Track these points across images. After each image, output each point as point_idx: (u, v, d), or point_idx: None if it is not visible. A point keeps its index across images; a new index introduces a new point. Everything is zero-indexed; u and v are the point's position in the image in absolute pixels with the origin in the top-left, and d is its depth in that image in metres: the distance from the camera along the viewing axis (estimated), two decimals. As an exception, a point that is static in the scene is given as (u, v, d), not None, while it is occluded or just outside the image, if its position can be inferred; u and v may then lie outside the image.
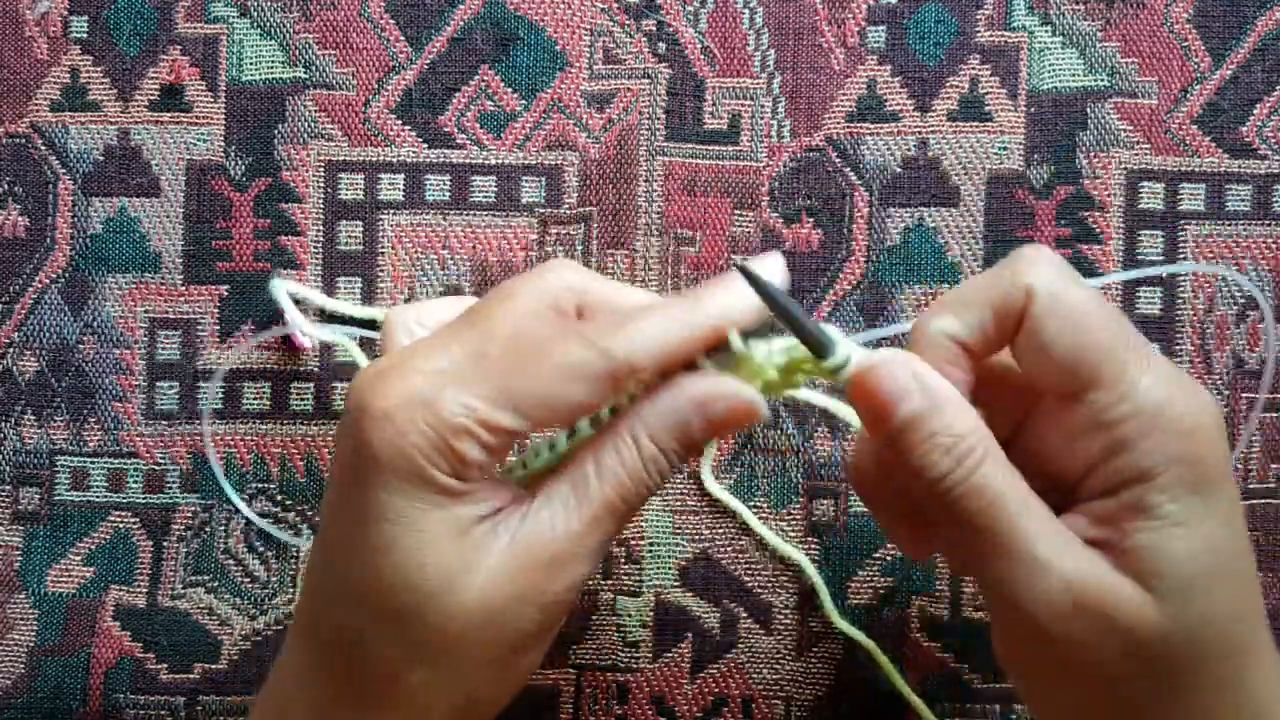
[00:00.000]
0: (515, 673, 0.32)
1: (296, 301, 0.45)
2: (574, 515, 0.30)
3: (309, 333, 0.45)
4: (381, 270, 0.46)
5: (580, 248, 0.46)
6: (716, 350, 0.31)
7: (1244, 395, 0.44)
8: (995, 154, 0.45)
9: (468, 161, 0.46)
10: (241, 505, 0.45)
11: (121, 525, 0.46)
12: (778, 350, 0.31)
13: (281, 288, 0.43)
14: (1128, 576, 0.29)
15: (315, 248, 0.46)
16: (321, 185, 0.46)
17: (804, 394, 0.44)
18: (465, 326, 0.31)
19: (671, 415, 0.31)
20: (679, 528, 0.45)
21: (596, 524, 0.30)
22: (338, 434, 0.31)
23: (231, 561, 0.45)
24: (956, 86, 0.45)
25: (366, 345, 0.45)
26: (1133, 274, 0.44)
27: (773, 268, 0.32)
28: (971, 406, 0.30)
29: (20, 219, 0.47)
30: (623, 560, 0.45)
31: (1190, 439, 0.29)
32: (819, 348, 0.30)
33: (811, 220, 0.45)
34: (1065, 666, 0.30)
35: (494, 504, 0.30)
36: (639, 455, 0.30)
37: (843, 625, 0.44)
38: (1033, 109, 0.45)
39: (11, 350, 0.46)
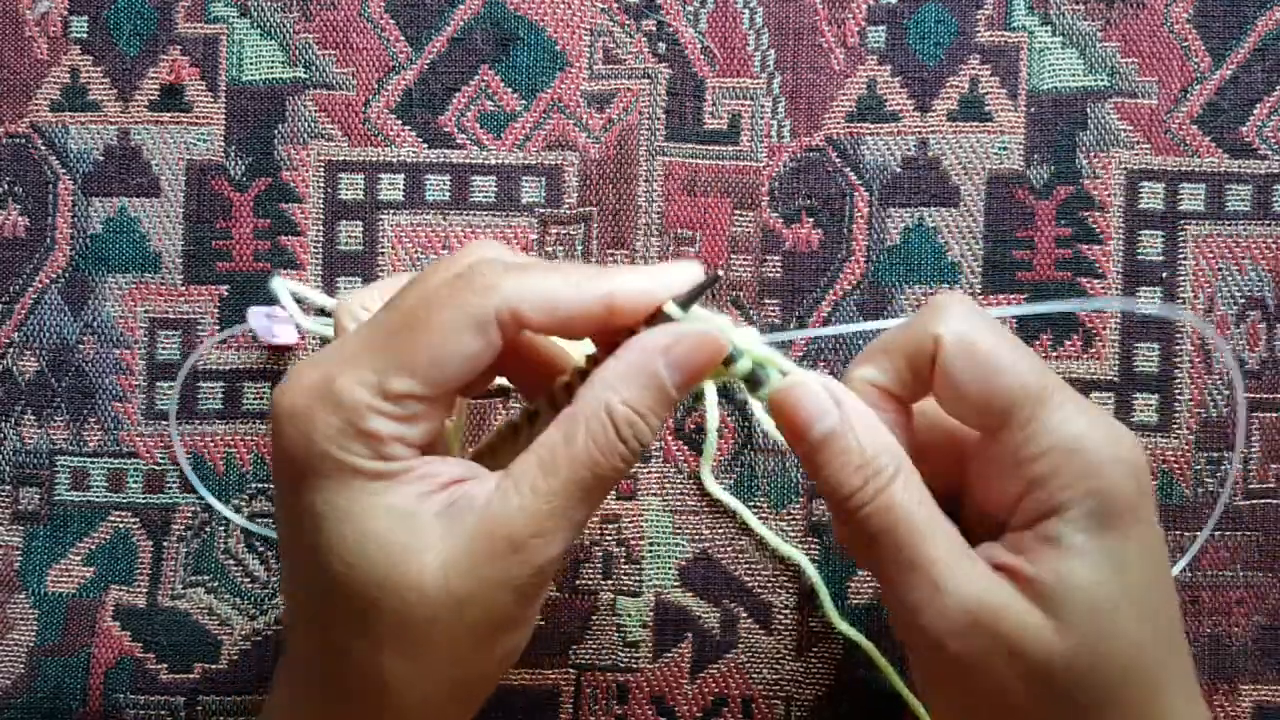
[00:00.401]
0: (501, 652, 0.31)
1: (299, 301, 0.45)
2: (541, 494, 0.29)
3: (312, 331, 0.45)
4: (381, 270, 0.46)
5: (580, 248, 0.46)
6: (650, 324, 0.30)
7: (1244, 395, 0.44)
8: (995, 154, 0.45)
9: (468, 161, 0.46)
10: (214, 502, 0.45)
11: (121, 525, 0.46)
12: (718, 324, 0.31)
13: (283, 286, 0.43)
14: (1034, 603, 0.29)
15: (315, 248, 0.46)
16: (321, 185, 0.46)
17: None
18: (379, 313, 0.30)
19: (638, 371, 0.30)
20: (679, 528, 0.45)
21: (567, 502, 0.29)
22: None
23: (231, 561, 0.45)
24: (956, 86, 0.45)
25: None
26: (1034, 309, 0.44)
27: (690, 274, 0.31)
28: (888, 432, 0.31)
29: (20, 219, 0.47)
30: (623, 560, 0.45)
31: (1099, 475, 0.29)
32: (692, 292, 0.30)
33: (811, 220, 0.45)
34: (967, 689, 0.31)
35: (439, 479, 0.29)
36: (612, 423, 0.29)
37: (842, 626, 0.44)
38: (1033, 109, 0.45)
39: (11, 350, 0.46)
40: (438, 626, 0.29)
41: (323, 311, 0.44)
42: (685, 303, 0.30)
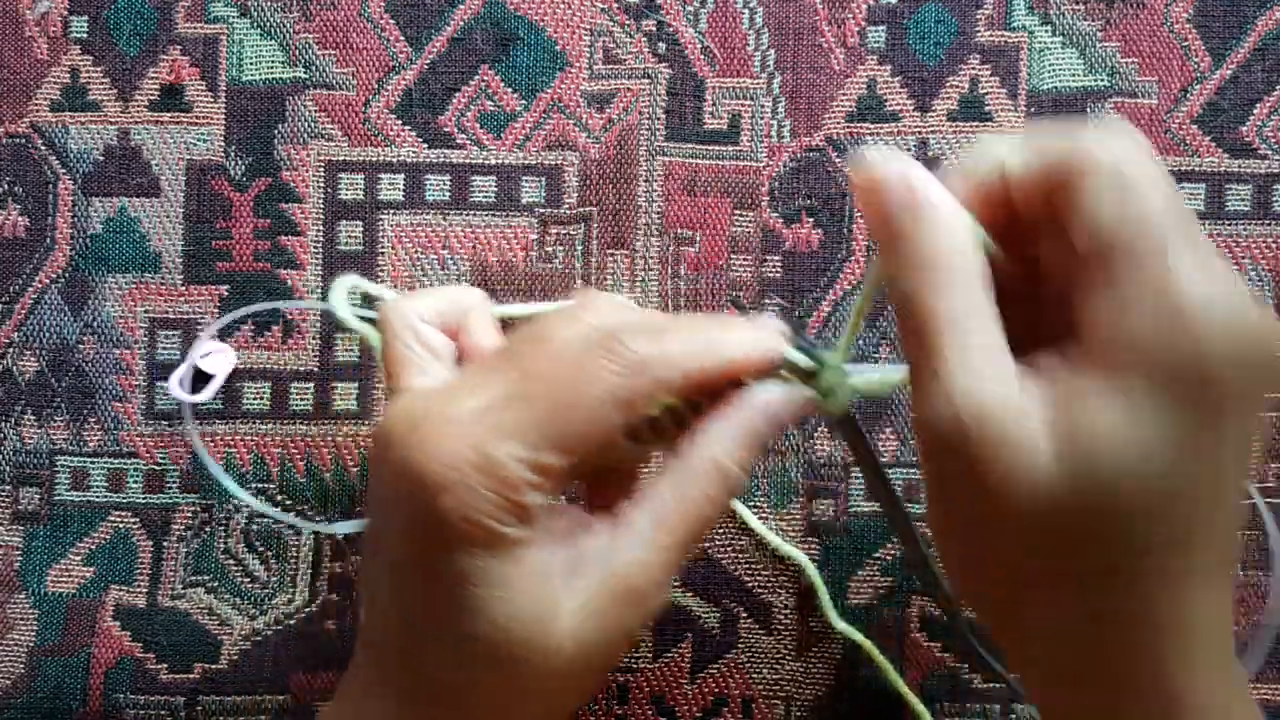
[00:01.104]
0: (596, 688, 0.34)
1: (369, 301, 0.45)
2: (660, 548, 0.30)
3: (361, 331, 0.39)
4: (381, 270, 0.46)
5: (580, 248, 0.46)
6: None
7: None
8: (995, 154, 0.45)
9: (468, 161, 0.46)
10: (237, 489, 0.45)
11: (121, 525, 0.46)
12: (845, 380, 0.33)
13: (341, 288, 0.39)
14: (1050, 425, 0.26)
15: (315, 248, 0.46)
16: (321, 185, 0.46)
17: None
18: (501, 364, 0.30)
19: (745, 430, 0.31)
20: (679, 528, 0.45)
21: (679, 555, 0.31)
22: (383, 490, 0.30)
23: (231, 561, 0.45)
24: (956, 86, 0.45)
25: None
26: None
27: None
28: (962, 233, 0.28)
29: (20, 219, 0.47)
30: (623, 560, 0.45)
31: (1208, 354, 0.25)
32: (805, 346, 0.32)
33: (811, 220, 0.45)
34: (953, 500, 0.28)
35: (556, 533, 0.30)
36: (722, 481, 0.31)
37: (842, 626, 0.44)
38: (1033, 109, 0.45)
39: (11, 350, 0.46)
40: (571, 676, 0.30)
41: (368, 300, 0.41)
42: (799, 348, 0.32)
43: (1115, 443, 0.25)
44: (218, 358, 0.45)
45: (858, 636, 0.44)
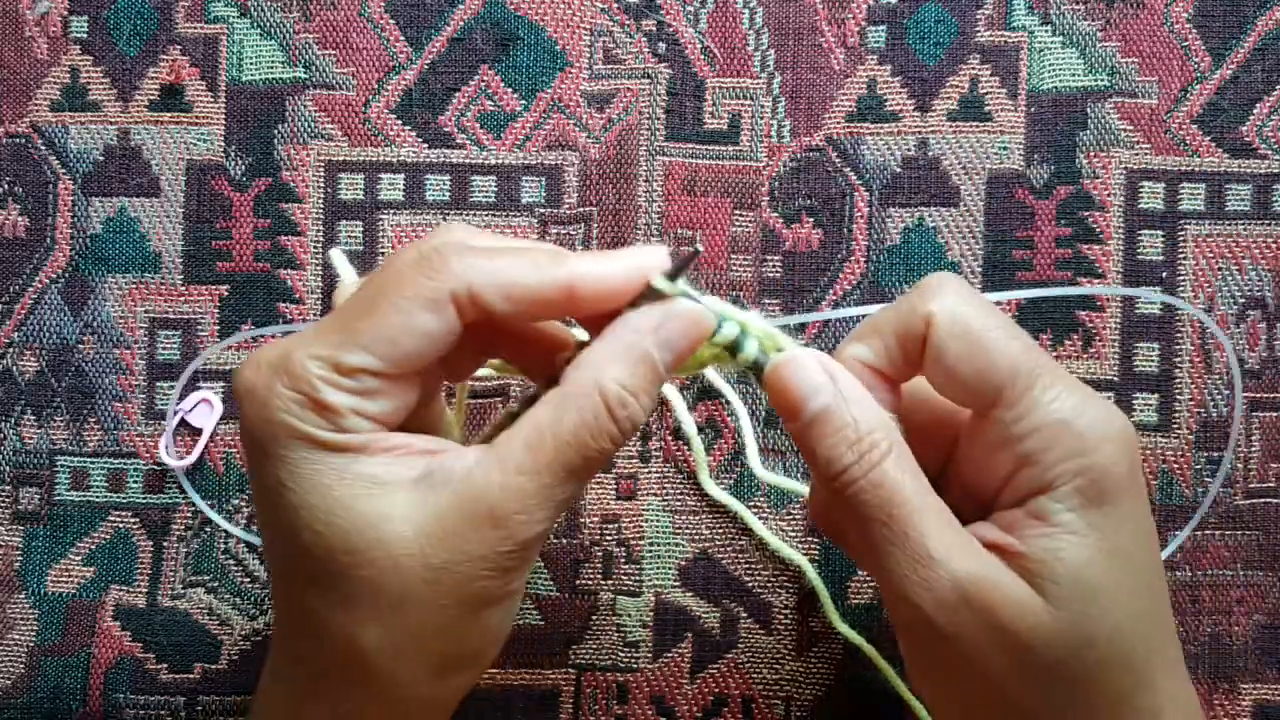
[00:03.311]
0: (487, 627, 0.31)
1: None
2: (527, 472, 0.29)
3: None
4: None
5: (580, 247, 0.46)
6: (638, 303, 0.30)
7: (1244, 395, 0.44)
8: (995, 154, 0.45)
9: (468, 161, 0.46)
10: (205, 507, 0.45)
11: (121, 525, 0.46)
12: (706, 299, 0.31)
13: (340, 256, 0.41)
14: (1024, 580, 0.29)
15: (315, 248, 0.46)
16: (321, 185, 0.46)
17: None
18: (352, 294, 0.31)
19: (628, 350, 0.30)
20: (679, 528, 0.45)
21: (552, 480, 0.29)
22: None
23: (231, 561, 0.45)
24: (956, 86, 0.45)
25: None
26: (1035, 293, 0.44)
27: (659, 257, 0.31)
28: (881, 409, 0.31)
29: (20, 219, 0.47)
30: (623, 560, 0.45)
31: (1093, 453, 0.29)
32: (677, 264, 0.30)
33: (811, 220, 0.45)
34: (954, 667, 0.31)
35: (411, 449, 0.30)
36: (605, 404, 0.29)
37: (843, 628, 0.44)
38: (1033, 109, 0.45)
39: (11, 350, 0.46)
40: (413, 594, 0.29)
41: None
42: (671, 276, 0.30)
43: (1083, 572, 0.29)
44: (202, 410, 0.45)
45: (859, 639, 0.44)
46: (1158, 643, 0.31)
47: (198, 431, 0.45)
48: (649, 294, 0.30)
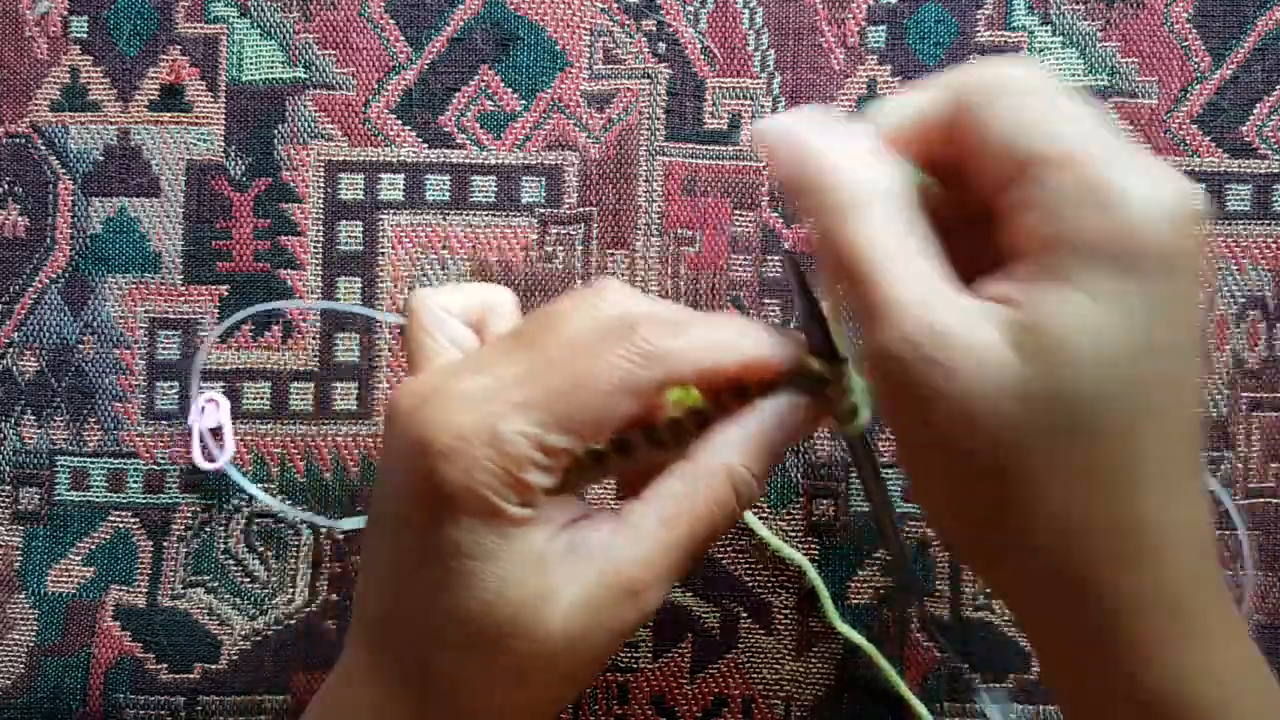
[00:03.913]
0: (586, 683, 0.33)
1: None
2: (661, 546, 0.30)
3: (391, 321, 0.42)
4: (381, 270, 0.46)
5: (580, 248, 0.46)
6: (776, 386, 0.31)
7: (1244, 395, 0.44)
8: (995, 154, 0.45)
9: (468, 161, 0.46)
10: (246, 483, 0.45)
11: (121, 525, 0.46)
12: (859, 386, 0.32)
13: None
14: (1010, 330, 0.26)
15: (315, 248, 0.46)
16: (321, 185, 0.46)
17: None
18: (514, 346, 0.30)
19: (759, 438, 0.31)
20: (679, 528, 0.45)
21: (681, 556, 0.30)
22: (389, 463, 0.31)
23: (231, 561, 0.45)
24: (956, 86, 0.45)
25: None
26: None
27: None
28: (872, 159, 0.28)
29: (20, 219, 0.47)
30: (623, 560, 0.45)
31: (1135, 222, 0.25)
32: (827, 352, 0.31)
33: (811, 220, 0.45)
34: (918, 427, 0.28)
35: (559, 521, 0.30)
36: (730, 484, 0.30)
37: (843, 628, 0.44)
38: (1033, 109, 0.45)
39: (11, 350, 0.46)
40: (556, 665, 0.30)
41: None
42: (823, 355, 0.31)
43: (1073, 330, 0.25)
44: (211, 411, 0.45)
45: (860, 640, 0.44)
46: (1171, 435, 0.27)
47: (209, 431, 0.45)
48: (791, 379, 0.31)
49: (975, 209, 0.29)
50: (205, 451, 0.45)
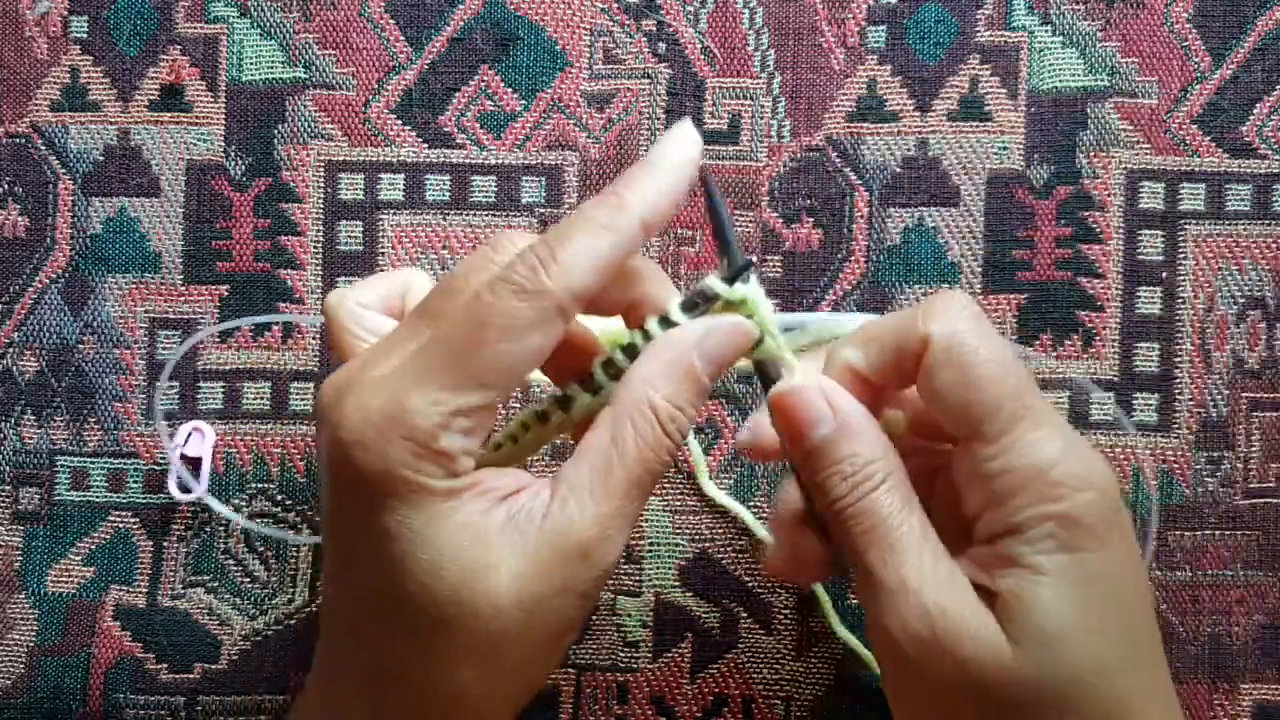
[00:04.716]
0: (557, 657, 0.32)
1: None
2: (601, 500, 0.29)
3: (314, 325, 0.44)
4: (382, 270, 0.46)
5: (580, 248, 0.46)
6: (685, 305, 0.31)
7: (1244, 395, 0.44)
8: (995, 154, 0.45)
9: (468, 161, 0.46)
10: (214, 503, 0.45)
11: (121, 525, 0.46)
12: (757, 298, 0.31)
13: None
14: (995, 619, 0.29)
15: (315, 248, 0.46)
16: (321, 185, 0.46)
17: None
18: (418, 318, 0.30)
19: (674, 365, 0.30)
20: (679, 528, 0.45)
21: (625, 504, 0.30)
22: (319, 458, 0.31)
23: (231, 561, 0.45)
24: (956, 86, 0.45)
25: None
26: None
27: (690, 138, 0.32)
28: (880, 438, 0.31)
29: (20, 219, 0.47)
30: (623, 560, 0.45)
31: (1065, 501, 0.29)
32: (734, 271, 0.31)
33: (811, 220, 0.45)
34: (922, 696, 0.31)
35: (498, 493, 0.30)
36: (657, 420, 0.30)
37: (843, 632, 0.44)
38: (1033, 109, 0.45)
39: (11, 350, 0.46)
40: (509, 636, 0.29)
41: None
42: (728, 281, 0.31)
43: (1040, 613, 0.29)
44: (196, 440, 0.45)
45: (859, 646, 0.44)
46: (1139, 682, 0.30)
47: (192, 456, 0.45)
48: (696, 296, 0.31)
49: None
50: (181, 482, 0.45)
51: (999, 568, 0.30)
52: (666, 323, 0.31)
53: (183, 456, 0.45)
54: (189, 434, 0.45)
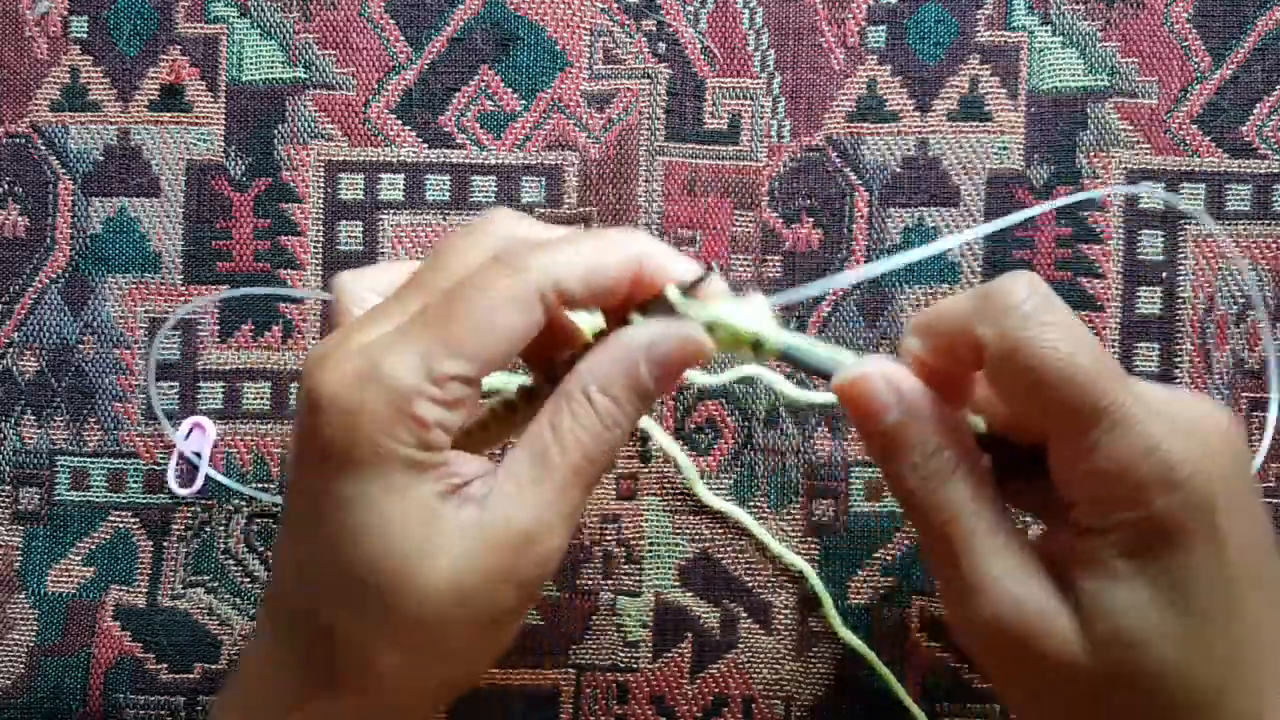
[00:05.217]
0: (493, 649, 0.32)
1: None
2: (539, 488, 0.29)
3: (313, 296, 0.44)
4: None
5: (580, 248, 0.46)
6: (650, 309, 0.31)
7: (1244, 395, 0.44)
8: (995, 154, 0.45)
9: (468, 161, 0.46)
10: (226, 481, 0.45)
11: (121, 525, 0.46)
12: (715, 313, 0.31)
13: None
14: (1073, 614, 0.29)
15: (315, 248, 0.46)
16: (321, 185, 0.46)
17: (798, 392, 0.44)
18: (407, 288, 0.30)
19: (618, 363, 0.30)
20: (679, 528, 0.45)
21: (563, 492, 0.29)
22: (294, 419, 0.31)
23: (231, 561, 0.45)
24: (956, 86, 0.45)
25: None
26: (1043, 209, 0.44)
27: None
28: (949, 423, 0.30)
29: (20, 219, 0.47)
30: (623, 560, 0.45)
31: (1150, 504, 0.28)
32: (691, 281, 0.31)
33: (811, 220, 0.45)
34: (1003, 680, 0.32)
35: (463, 476, 0.29)
36: (594, 411, 0.30)
37: (845, 634, 0.44)
38: (1033, 109, 0.45)
39: (11, 350, 0.46)
40: (443, 624, 0.29)
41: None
42: (685, 291, 0.31)
43: (1127, 619, 0.28)
44: (197, 435, 0.45)
45: (861, 647, 0.44)
46: (1244, 677, 0.29)
47: (188, 448, 0.45)
48: (660, 303, 0.31)
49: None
50: (180, 477, 0.45)
51: (1084, 565, 0.29)
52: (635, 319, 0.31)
53: (181, 457, 0.45)
54: (190, 429, 0.45)
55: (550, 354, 0.33)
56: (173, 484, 0.45)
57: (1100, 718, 0.30)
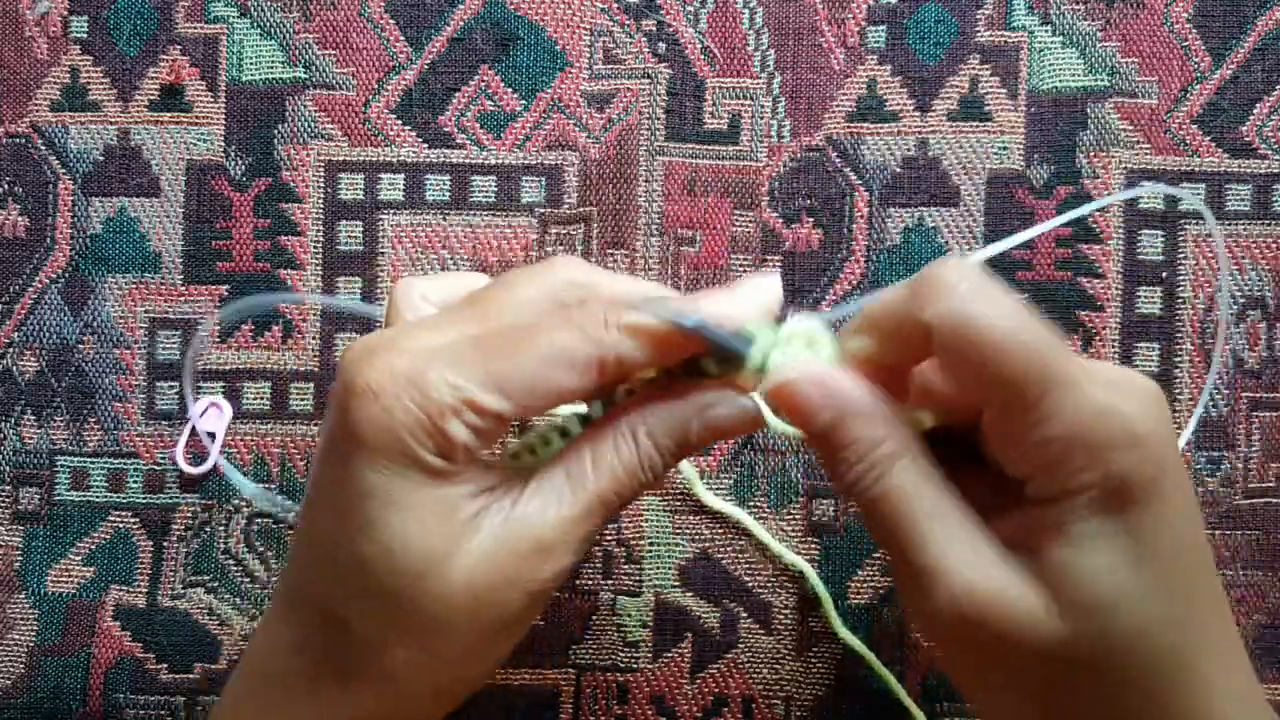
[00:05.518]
0: (497, 654, 0.32)
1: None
2: (567, 504, 0.30)
3: (367, 314, 0.45)
4: (381, 270, 0.46)
5: (580, 248, 0.46)
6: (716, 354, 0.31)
7: (1244, 395, 0.44)
8: (995, 154, 0.45)
9: (468, 161, 0.46)
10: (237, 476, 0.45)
11: (121, 525, 0.46)
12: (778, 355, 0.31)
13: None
14: (1040, 585, 0.29)
15: (315, 248, 0.46)
16: (321, 185, 0.46)
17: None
18: (462, 309, 0.31)
19: (673, 417, 0.31)
20: (679, 528, 0.45)
21: (588, 515, 0.30)
22: (328, 407, 0.31)
23: (231, 561, 0.45)
24: (956, 86, 0.45)
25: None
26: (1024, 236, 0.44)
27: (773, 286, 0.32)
28: (888, 417, 0.30)
29: (20, 219, 0.47)
30: (623, 560, 0.45)
31: (1109, 464, 0.28)
32: (735, 356, 0.31)
33: (811, 220, 0.45)
34: (975, 672, 0.31)
35: (481, 485, 0.30)
36: (636, 452, 0.31)
37: (845, 635, 0.44)
38: (1033, 109, 0.45)
39: (11, 350, 0.46)
40: (453, 621, 0.29)
41: None
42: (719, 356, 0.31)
43: (1091, 584, 0.28)
44: (213, 414, 0.45)
45: (861, 648, 0.44)
46: (1200, 636, 0.29)
47: (197, 431, 0.45)
48: (719, 356, 0.31)
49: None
50: (189, 456, 0.45)
51: (1048, 535, 0.29)
52: (701, 368, 0.31)
53: (192, 435, 0.45)
54: (206, 407, 0.45)
55: (611, 386, 0.33)
56: (180, 461, 0.45)
57: (1068, 695, 0.29)
